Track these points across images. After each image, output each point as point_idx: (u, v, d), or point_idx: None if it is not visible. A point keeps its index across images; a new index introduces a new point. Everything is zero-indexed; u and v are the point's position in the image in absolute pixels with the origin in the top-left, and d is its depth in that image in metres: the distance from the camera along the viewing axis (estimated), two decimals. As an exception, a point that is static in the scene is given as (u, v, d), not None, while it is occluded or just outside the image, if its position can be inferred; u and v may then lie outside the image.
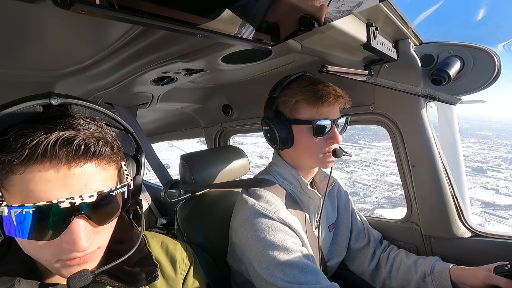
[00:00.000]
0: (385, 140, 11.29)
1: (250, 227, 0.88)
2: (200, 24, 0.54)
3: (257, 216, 0.89)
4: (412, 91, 0.91)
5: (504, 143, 62.48)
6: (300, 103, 0.92)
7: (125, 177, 0.55)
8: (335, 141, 0.94)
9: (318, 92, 0.90)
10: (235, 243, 0.94)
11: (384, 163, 43.51)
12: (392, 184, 35.28)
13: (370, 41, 0.83)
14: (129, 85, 1.06)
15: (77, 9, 0.38)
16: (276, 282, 0.80)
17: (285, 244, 0.84)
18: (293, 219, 0.93)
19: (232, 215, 1.00)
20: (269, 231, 0.86)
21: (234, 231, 0.94)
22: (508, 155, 54.24)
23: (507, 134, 76.27)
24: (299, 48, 0.85)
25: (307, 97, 0.91)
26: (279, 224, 0.88)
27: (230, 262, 1.02)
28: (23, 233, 0.43)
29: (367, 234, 1.19)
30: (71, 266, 0.48)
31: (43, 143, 0.41)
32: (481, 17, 1.02)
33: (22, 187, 0.42)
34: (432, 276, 0.98)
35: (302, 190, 1.00)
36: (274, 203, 0.93)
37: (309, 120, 0.91)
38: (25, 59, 0.83)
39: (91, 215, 0.47)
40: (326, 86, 0.92)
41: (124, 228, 0.65)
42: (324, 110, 0.91)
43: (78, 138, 0.44)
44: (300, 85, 0.94)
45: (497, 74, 0.96)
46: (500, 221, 6.48)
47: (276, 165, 1.05)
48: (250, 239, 0.87)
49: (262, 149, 43.66)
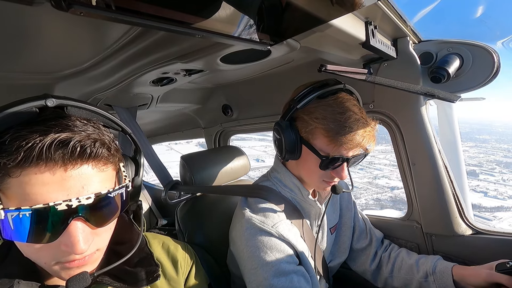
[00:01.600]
0: (382, 143, 11.32)
1: (246, 242, 0.86)
2: (199, 24, 0.54)
3: (253, 232, 0.86)
4: (412, 89, 0.91)
5: (502, 147, 63.29)
6: (319, 131, 0.82)
7: (123, 179, 0.55)
8: (339, 177, 0.87)
9: (344, 128, 0.78)
10: (232, 252, 0.94)
11: (378, 166, 43.89)
12: (382, 186, 35.70)
13: (369, 40, 0.83)
14: (129, 86, 1.06)
15: (76, 11, 0.38)
16: None
17: (278, 266, 0.82)
18: (293, 231, 0.91)
19: (231, 224, 0.98)
20: (264, 249, 0.84)
21: (232, 241, 0.93)
22: (503, 159, 54.91)
23: (507, 138, 77.00)
24: (298, 47, 0.85)
25: (329, 129, 0.80)
26: (276, 241, 0.86)
27: (229, 266, 1.02)
28: (20, 236, 0.43)
29: (369, 234, 1.19)
30: (70, 269, 0.48)
31: (38, 146, 0.41)
32: (480, 14, 1.02)
33: (18, 190, 0.42)
34: (434, 276, 0.98)
35: (303, 197, 0.97)
36: (273, 216, 0.90)
37: (320, 152, 0.83)
38: (24, 62, 0.83)
39: (89, 217, 0.46)
40: (357, 121, 0.79)
41: (125, 228, 0.65)
42: (342, 150, 0.81)
43: (74, 140, 0.44)
44: (328, 108, 0.82)
45: (497, 72, 0.96)
46: (483, 222, 6.59)
47: (277, 172, 1.02)
48: (245, 254, 0.86)
49: (259, 152, 44.03)
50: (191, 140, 13.39)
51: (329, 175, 0.88)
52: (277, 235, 0.86)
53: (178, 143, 13.82)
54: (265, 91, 1.47)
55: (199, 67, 0.96)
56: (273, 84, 1.40)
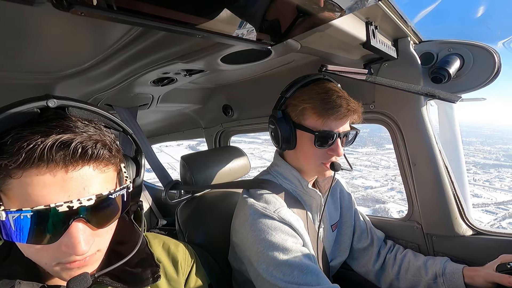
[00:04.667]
0: (368, 146, 11.68)
1: (250, 227, 0.88)
2: (199, 24, 0.54)
3: (257, 217, 0.89)
4: (412, 89, 0.91)
5: (484, 149, 64.34)
6: (308, 110, 0.90)
7: (124, 179, 0.55)
8: (336, 154, 0.91)
9: (328, 103, 0.87)
10: (235, 243, 0.94)
11: (359, 168, 44.53)
12: (357, 186, 36.34)
13: (370, 40, 0.83)
14: (129, 86, 1.06)
15: (76, 11, 0.38)
16: (276, 282, 0.80)
17: (285, 244, 0.84)
18: (294, 218, 0.93)
19: (233, 215, 1.00)
20: (269, 231, 0.86)
21: (235, 231, 0.95)
22: (482, 160, 55.75)
23: (492, 140, 78.34)
24: (299, 47, 0.85)
25: (315, 106, 0.88)
26: (279, 224, 0.88)
27: (231, 261, 1.02)
28: (21, 237, 0.43)
29: (370, 234, 1.19)
30: (71, 269, 0.48)
31: (40, 147, 0.41)
32: (481, 14, 1.02)
33: (19, 191, 0.42)
34: (444, 277, 0.98)
35: (303, 189, 1.00)
36: (274, 202, 0.93)
37: (312, 129, 0.89)
38: (25, 62, 0.83)
39: (90, 218, 0.46)
40: (339, 97, 0.88)
41: (125, 229, 0.65)
42: (331, 123, 0.88)
43: (75, 141, 0.44)
44: (312, 91, 0.91)
45: (497, 72, 0.96)
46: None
47: (276, 165, 1.04)
48: (250, 239, 0.87)
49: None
50: (182, 143, 13.38)
51: (326, 155, 0.93)
52: (279, 219, 0.89)
53: (169, 145, 13.88)
54: (266, 91, 1.47)
55: (200, 67, 0.96)
56: (273, 84, 1.39)
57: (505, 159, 53.27)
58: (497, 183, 38.39)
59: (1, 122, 0.43)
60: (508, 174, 42.55)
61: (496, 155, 56.09)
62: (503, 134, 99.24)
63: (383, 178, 37.21)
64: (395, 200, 29.79)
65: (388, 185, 34.53)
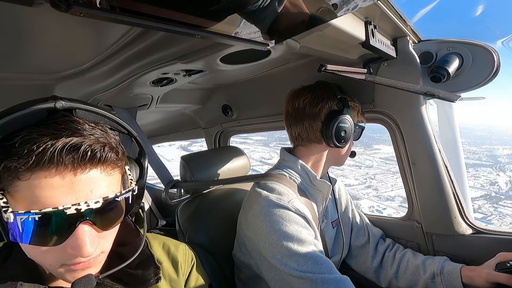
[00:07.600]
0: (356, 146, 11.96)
1: (265, 218, 0.89)
2: (199, 24, 0.53)
3: (272, 207, 0.90)
4: (412, 88, 0.91)
5: (471, 149, 65.31)
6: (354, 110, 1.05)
7: (129, 182, 0.55)
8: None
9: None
10: (246, 237, 0.95)
11: (341, 167, 43.98)
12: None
13: (369, 39, 0.83)
14: (129, 87, 1.06)
15: (76, 12, 0.38)
16: (290, 271, 0.81)
17: (299, 235, 0.85)
18: (306, 210, 0.95)
19: (243, 209, 1.00)
20: (283, 222, 0.87)
21: (248, 224, 0.95)
22: (466, 160, 56.45)
23: (479, 141, 79.28)
24: (298, 47, 0.85)
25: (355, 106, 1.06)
26: (293, 215, 0.89)
27: (236, 256, 1.02)
28: (28, 239, 0.43)
29: (367, 231, 1.20)
30: (75, 271, 0.48)
31: (50, 150, 0.41)
32: (480, 13, 1.02)
33: (27, 193, 0.42)
34: (442, 276, 0.98)
35: (311, 182, 1.02)
36: (287, 193, 0.94)
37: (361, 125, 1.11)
38: (24, 62, 0.83)
39: (96, 220, 0.46)
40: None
41: (127, 230, 0.65)
42: (361, 117, 1.11)
43: (84, 144, 0.44)
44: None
45: (496, 71, 0.96)
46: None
47: (284, 160, 1.07)
48: (265, 230, 0.88)
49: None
50: (174, 143, 13.41)
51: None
52: (294, 210, 0.90)
53: (161, 145, 13.91)
54: (265, 91, 1.47)
55: (199, 67, 0.96)
56: (273, 84, 1.40)
57: (487, 159, 54.08)
58: (471, 182, 39.03)
59: (9, 124, 0.42)
60: (485, 172, 43.60)
61: (479, 155, 56.99)
62: (492, 135, 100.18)
63: (363, 177, 37.83)
64: (369, 197, 30.68)
65: (366, 183, 35.16)
